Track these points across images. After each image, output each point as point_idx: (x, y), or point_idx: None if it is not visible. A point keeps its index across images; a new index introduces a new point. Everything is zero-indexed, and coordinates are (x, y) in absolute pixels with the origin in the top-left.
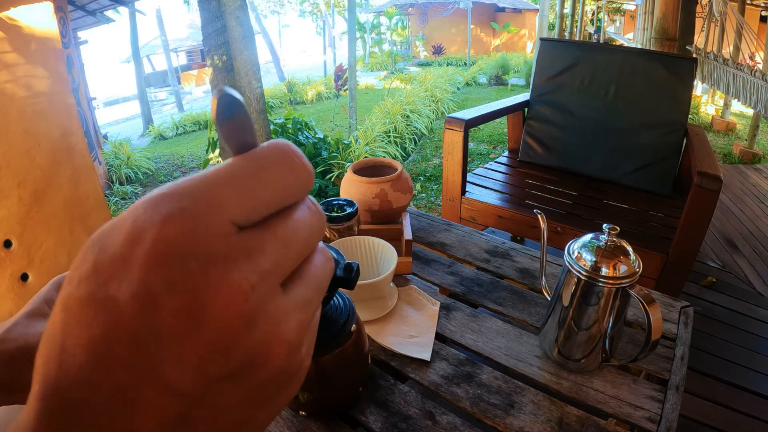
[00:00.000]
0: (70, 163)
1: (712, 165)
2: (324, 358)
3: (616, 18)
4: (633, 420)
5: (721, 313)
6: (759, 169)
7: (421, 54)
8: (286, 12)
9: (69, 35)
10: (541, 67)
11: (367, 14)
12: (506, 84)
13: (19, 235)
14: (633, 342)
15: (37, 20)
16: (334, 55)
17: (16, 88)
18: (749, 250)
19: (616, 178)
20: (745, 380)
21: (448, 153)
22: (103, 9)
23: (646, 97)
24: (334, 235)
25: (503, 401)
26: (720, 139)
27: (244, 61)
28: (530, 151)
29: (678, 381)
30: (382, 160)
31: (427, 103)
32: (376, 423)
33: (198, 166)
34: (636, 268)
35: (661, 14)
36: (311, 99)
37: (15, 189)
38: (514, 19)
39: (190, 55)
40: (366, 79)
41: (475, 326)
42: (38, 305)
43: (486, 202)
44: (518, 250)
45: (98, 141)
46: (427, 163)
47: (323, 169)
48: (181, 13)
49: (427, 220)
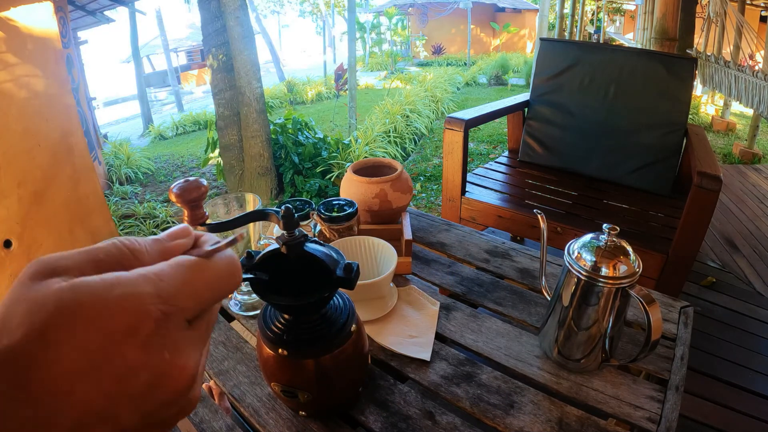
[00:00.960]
0: (70, 163)
1: (712, 165)
2: (324, 358)
3: (616, 18)
4: (633, 420)
5: (721, 313)
6: (759, 169)
7: (421, 54)
8: (286, 12)
9: (69, 35)
10: (541, 67)
11: (367, 14)
12: (506, 84)
13: (19, 235)
14: (633, 342)
15: (37, 20)
16: (334, 55)
17: (16, 89)
18: (749, 250)
19: (616, 178)
20: (745, 380)
21: (448, 153)
22: (103, 9)
23: (646, 97)
24: (334, 235)
25: (503, 401)
26: (720, 139)
27: (244, 61)
28: (530, 151)
29: (678, 381)
30: (381, 160)
31: (427, 103)
32: (376, 423)
33: (198, 166)
34: (636, 268)
35: (661, 14)
36: (311, 99)
37: (15, 189)
38: (514, 19)
39: (190, 55)
40: (366, 79)
41: (475, 326)
42: None
43: (486, 202)
44: (518, 250)
45: (98, 141)
46: (427, 163)
47: (323, 169)
48: (181, 13)
49: (427, 220)
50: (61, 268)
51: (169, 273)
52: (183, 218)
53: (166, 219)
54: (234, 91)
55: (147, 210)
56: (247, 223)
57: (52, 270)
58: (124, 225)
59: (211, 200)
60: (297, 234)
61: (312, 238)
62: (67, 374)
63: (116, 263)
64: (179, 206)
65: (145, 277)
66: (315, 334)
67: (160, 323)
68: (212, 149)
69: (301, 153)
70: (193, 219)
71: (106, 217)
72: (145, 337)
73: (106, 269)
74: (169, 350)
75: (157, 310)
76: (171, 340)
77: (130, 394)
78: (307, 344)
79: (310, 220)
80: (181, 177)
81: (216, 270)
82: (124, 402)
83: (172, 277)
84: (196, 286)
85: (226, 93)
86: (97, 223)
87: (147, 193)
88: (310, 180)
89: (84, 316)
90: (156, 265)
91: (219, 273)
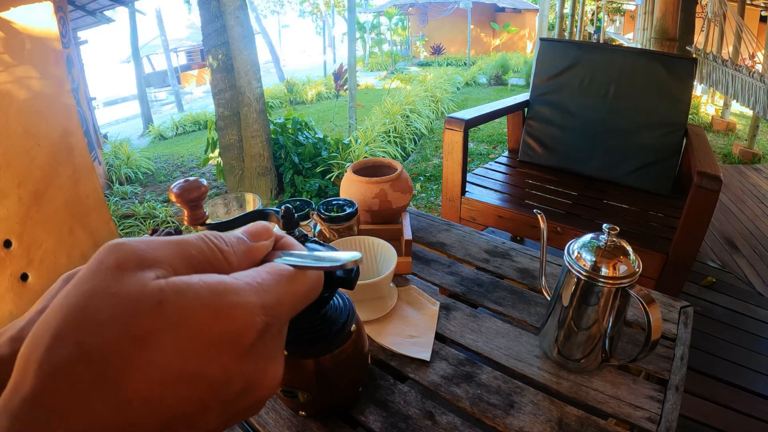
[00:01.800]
0: (70, 163)
1: (712, 165)
2: (324, 358)
3: (616, 18)
4: (633, 420)
5: (721, 313)
6: (759, 169)
7: (421, 54)
8: (286, 12)
9: (69, 35)
10: (541, 67)
11: (367, 14)
12: (506, 84)
13: (18, 235)
14: (633, 342)
15: (37, 20)
16: (334, 55)
17: (15, 89)
18: (749, 250)
19: (616, 178)
20: (745, 380)
21: (448, 153)
22: (103, 9)
23: (646, 97)
24: (334, 235)
25: (503, 401)
26: (720, 139)
27: (244, 61)
28: (530, 151)
29: (678, 381)
30: (381, 160)
31: (427, 103)
32: (376, 423)
33: (197, 166)
34: (636, 268)
35: (661, 14)
36: (311, 99)
37: (15, 189)
38: (514, 19)
39: (190, 55)
40: (366, 79)
41: (474, 326)
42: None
43: (486, 202)
44: (518, 250)
45: (98, 141)
46: (427, 163)
47: (323, 169)
48: (181, 13)
49: (426, 220)
50: (150, 260)
51: (271, 283)
52: (183, 218)
53: (166, 219)
54: (234, 91)
55: (147, 210)
56: (247, 223)
57: (140, 260)
58: (123, 225)
59: (211, 200)
60: (297, 234)
61: (312, 238)
62: (163, 379)
63: (206, 262)
64: (179, 206)
65: (251, 286)
66: (315, 334)
67: (260, 334)
68: (212, 149)
69: (301, 153)
70: (193, 219)
71: (106, 217)
72: (245, 347)
73: (198, 267)
74: (263, 359)
75: (261, 322)
76: (266, 349)
77: (222, 401)
78: (307, 344)
79: (310, 220)
80: (181, 177)
81: (309, 281)
82: (214, 407)
83: (274, 287)
84: (293, 297)
85: (226, 93)
86: (97, 223)
87: (147, 193)
88: (310, 180)
89: (190, 322)
90: (257, 274)
91: (311, 284)
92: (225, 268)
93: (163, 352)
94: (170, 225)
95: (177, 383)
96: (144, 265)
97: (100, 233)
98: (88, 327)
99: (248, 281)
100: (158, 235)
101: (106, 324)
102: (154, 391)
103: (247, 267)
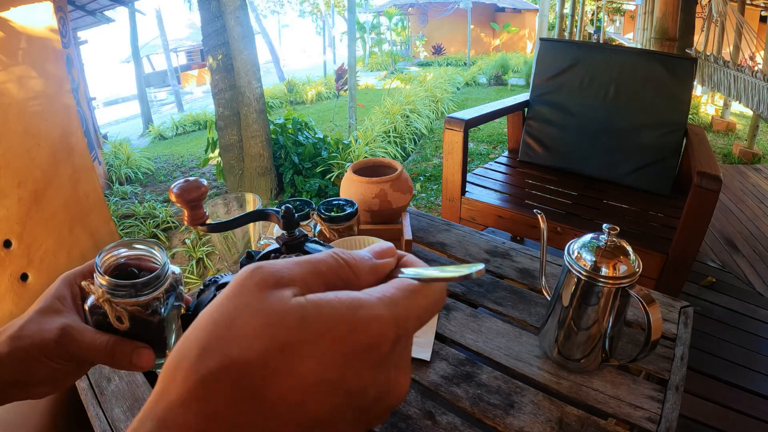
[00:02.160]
0: (70, 163)
1: (712, 165)
2: None
3: (616, 18)
4: (633, 420)
5: (721, 313)
6: (759, 169)
7: (421, 54)
8: (286, 12)
9: (69, 35)
10: (541, 67)
11: (367, 14)
12: (506, 84)
13: (18, 235)
14: (633, 342)
15: (37, 20)
16: (334, 55)
17: (15, 89)
18: (749, 250)
19: (615, 178)
20: (745, 380)
21: (448, 153)
22: (103, 9)
23: (646, 97)
24: (333, 235)
25: (503, 401)
26: (720, 139)
27: (244, 61)
28: (530, 151)
29: (678, 381)
30: (381, 160)
31: (427, 103)
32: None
33: (197, 166)
34: (636, 268)
35: (661, 14)
36: (311, 99)
37: (15, 189)
38: (514, 19)
39: (190, 55)
40: (366, 79)
41: (474, 326)
42: (50, 302)
43: (486, 202)
44: (518, 250)
45: (98, 141)
46: (427, 163)
47: (323, 169)
48: (181, 13)
49: (427, 220)
50: (286, 279)
51: (400, 298)
52: (183, 218)
53: (166, 219)
54: (234, 91)
55: (147, 210)
56: (247, 223)
57: (278, 280)
58: (123, 225)
59: (211, 200)
60: (297, 234)
61: (312, 238)
62: (304, 387)
63: (337, 278)
64: (179, 206)
65: (382, 301)
66: None
67: (393, 345)
68: (212, 149)
69: (301, 153)
70: (193, 219)
71: (105, 216)
72: (379, 358)
73: (329, 283)
74: (395, 369)
75: (394, 333)
76: (397, 360)
77: (356, 407)
78: None
79: (310, 220)
80: (181, 177)
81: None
82: (348, 414)
83: (402, 301)
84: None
85: (226, 93)
86: (97, 222)
87: (147, 193)
88: (310, 180)
89: (329, 334)
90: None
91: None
92: (354, 283)
93: (305, 361)
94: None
95: (317, 390)
96: (282, 284)
97: (99, 233)
98: (235, 340)
99: (379, 296)
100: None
101: (251, 337)
102: (295, 397)
103: (372, 283)
